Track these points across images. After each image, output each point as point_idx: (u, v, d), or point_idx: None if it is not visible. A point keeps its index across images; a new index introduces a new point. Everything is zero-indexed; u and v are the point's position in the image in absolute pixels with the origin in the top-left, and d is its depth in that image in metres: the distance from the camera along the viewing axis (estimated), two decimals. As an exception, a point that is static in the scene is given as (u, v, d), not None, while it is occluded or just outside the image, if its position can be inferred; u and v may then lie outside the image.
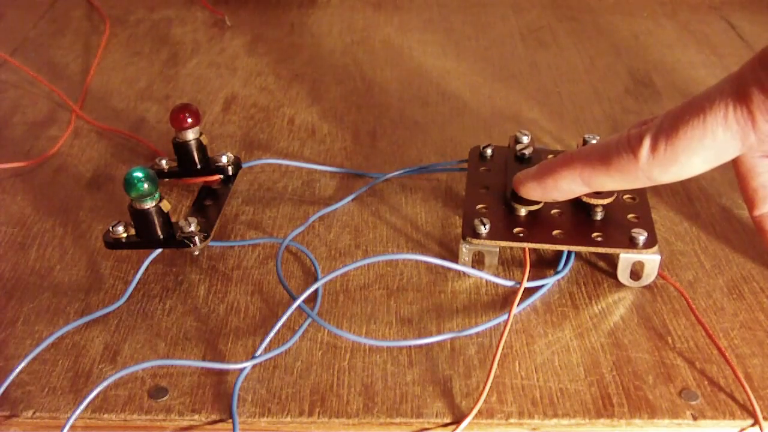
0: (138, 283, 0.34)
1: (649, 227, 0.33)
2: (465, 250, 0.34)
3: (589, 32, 0.55)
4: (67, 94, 0.48)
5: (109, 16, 0.59)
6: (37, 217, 0.39)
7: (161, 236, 0.33)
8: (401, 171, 0.40)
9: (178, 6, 0.61)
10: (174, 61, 0.53)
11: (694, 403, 0.28)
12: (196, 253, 0.35)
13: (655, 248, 0.32)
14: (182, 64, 0.52)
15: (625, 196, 0.35)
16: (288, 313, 0.31)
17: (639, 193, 0.35)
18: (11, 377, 0.30)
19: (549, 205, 0.35)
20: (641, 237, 0.32)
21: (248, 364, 0.30)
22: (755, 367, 0.30)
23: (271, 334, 0.31)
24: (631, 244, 0.32)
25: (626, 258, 0.33)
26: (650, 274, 0.33)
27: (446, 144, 0.43)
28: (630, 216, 0.34)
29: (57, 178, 0.41)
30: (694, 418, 0.28)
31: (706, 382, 0.29)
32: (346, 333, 0.31)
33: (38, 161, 0.43)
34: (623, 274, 0.33)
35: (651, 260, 0.32)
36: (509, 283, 0.33)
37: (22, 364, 0.30)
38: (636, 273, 0.33)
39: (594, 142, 0.37)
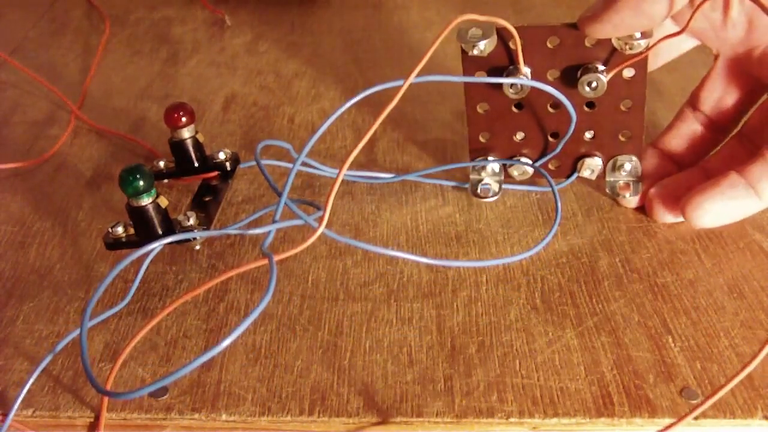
0: (139, 283, 0.34)
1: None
2: (463, 31, 0.35)
3: (590, 31, 0.55)
4: (66, 94, 0.48)
5: (108, 16, 0.59)
6: (36, 216, 0.39)
7: (160, 232, 0.32)
8: (400, 176, 0.40)
9: (178, 5, 0.61)
10: (174, 61, 0.53)
11: (694, 402, 0.28)
12: (197, 247, 0.35)
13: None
14: (182, 63, 0.52)
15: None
16: (280, 207, 0.31)
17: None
18: (34, 376, 0.30)
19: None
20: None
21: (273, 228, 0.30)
22: (756, 366, 0.30)
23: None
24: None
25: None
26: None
27: (446, 142, 0.43)
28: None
29: (57, 177, 0.41)
30: (695, 417, 0.28)
31: (706, 381, 0.29)
32: (354, 241, 0.30)
33: (38, 161, 0.43)
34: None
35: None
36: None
37: (44, 363, 0.30)
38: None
39: None
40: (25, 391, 0.29)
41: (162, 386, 0.29)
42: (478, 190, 0.38)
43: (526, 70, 0.35)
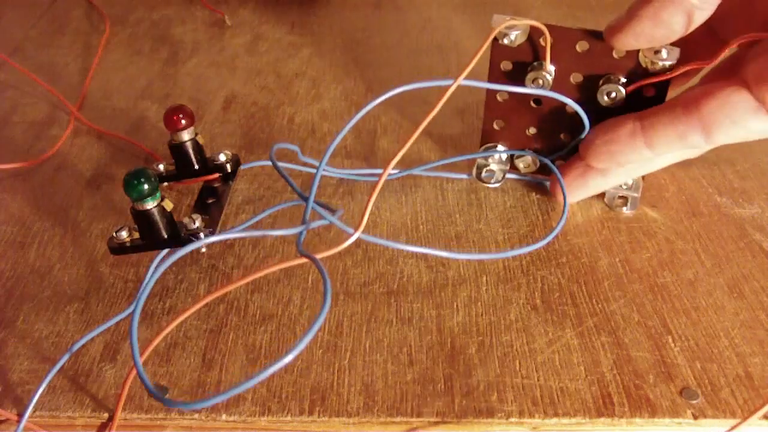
0: (137, 282, 0.34)
1: None
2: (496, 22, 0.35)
3: (590, 31, 0.55)
4: (66, 94, 0.48)
5: (108, 16, 0.59)
6: (36, 217, 0.39)
7: (165, 236, 0.32)
8: (398, 172, 0.40)
9: (178, 5, 0.61)
10: (174, 61, 0.53)
11: (694, 402, 0.28)
12: (204, 249, 0.35)
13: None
14: (182, 63, 0.52)
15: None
16: (308, 212, 0.31)
17: None
18: (49, 377, 0.30)
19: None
20: None
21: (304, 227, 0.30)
22: (756, 366, 0.30)
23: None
24: None
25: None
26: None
27: (446, 142, 0.43)
28: None
29: (56, 177, 0.41)
30: (695, 417, 0.28)
31: (706, 381, 0.29)
32: (382, 240, 0.31)
33: (38, 161, 0.43)
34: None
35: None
36: None
37: (60, 364, 0.30)
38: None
39: None
40: (40, 391, 0.29)
41: (164, 386, 0.29)
42: (482, 174, 0.39)
43: (550, 68, 0.35)
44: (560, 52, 0.35)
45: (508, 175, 0.39)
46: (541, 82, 0.35)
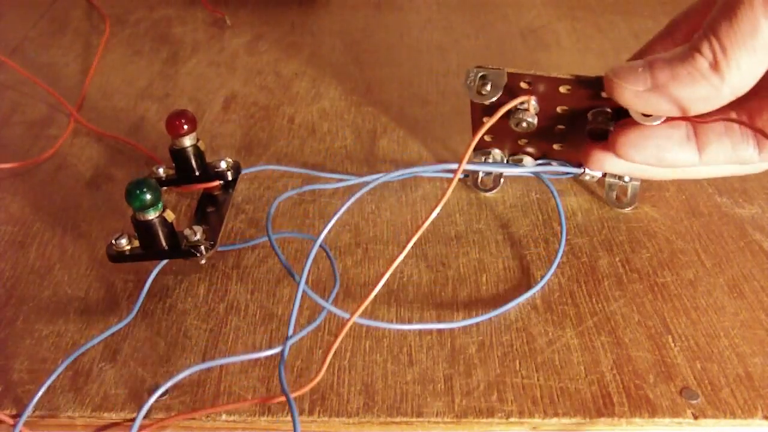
0: (137, 282, 0.34)
1: None
2: (472, 74, 0.34)
3: (590, 31, 0.55)
4: (66, 94, 0.48)
5: (108, 16, 0.59)
6: (36, 217, 0.39)
7: (166, 247, 0.32)
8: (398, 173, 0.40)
9: (178, 5, 0.61)
10: (174, 61, 0.53)
11: (694, 402, 0.28)
12: (203, 261, 0.35)
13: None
14: (182, 63, 0.52)
15: None
16: (298, 299, 0.30)
17: None
18: (51, 379, 0.30)
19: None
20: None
21: (286, 345, 0.29)
22: (756, 366, 0.30)
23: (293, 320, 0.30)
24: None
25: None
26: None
27: (447, 142, 0.43)
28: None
29: (56, 177, 0.41)
30: (695, 417, 0.28)
31: (706, 381, 0.29)
32: (376, 322, 0.30)
33: (38, 161, 0.43)
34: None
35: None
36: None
37: (62, 367, 0.30)
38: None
39: None
40: (40, 393, 0.29)
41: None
42: (479, 181, 0.39)
43: (534, 104, 0.34)
44: (543, 94, 0.34)
45: (507, 174, 0.39)
46: (525, 125, 0.34)
